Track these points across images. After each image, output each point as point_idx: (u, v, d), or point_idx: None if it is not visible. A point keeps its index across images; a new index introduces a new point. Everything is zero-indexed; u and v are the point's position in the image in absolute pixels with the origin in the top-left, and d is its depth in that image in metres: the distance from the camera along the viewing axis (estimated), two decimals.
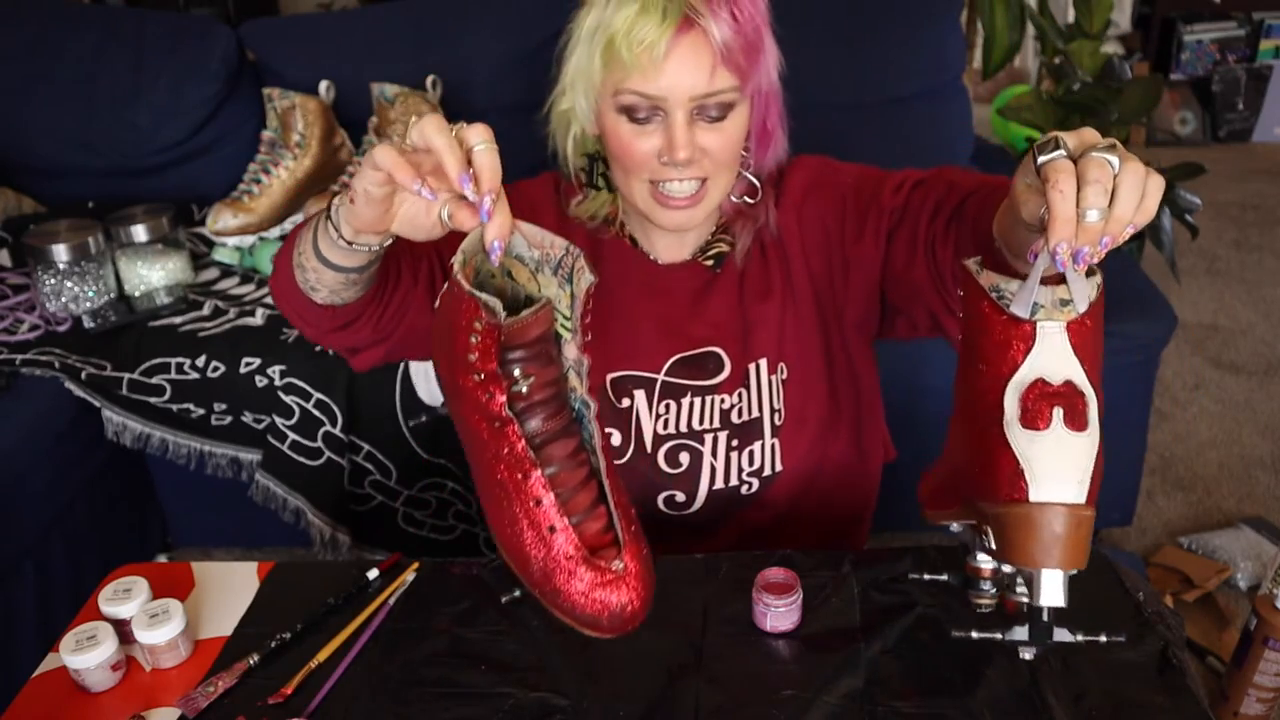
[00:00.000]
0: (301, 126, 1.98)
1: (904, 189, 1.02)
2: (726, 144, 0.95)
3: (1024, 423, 0.66)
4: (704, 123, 0.94)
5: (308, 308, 0.93)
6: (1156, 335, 1.75)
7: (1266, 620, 1.12)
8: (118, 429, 1.76)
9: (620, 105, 0.94)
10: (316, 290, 0.89)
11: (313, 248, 0.84)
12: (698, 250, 1.09)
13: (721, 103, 0.93)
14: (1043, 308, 0.66)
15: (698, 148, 0.94)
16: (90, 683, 0.89)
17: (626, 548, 0.70)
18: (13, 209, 2.12)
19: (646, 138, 0.94)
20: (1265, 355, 2.66)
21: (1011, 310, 0.67)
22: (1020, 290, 0.66)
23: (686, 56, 0.90)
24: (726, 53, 0.90)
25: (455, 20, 2.22)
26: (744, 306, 1.08)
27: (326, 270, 0.85)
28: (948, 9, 2.25)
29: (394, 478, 1.79)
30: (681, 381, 1.09)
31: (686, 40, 0.89)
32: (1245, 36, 4.23)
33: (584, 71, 0.95)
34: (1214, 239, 3.34)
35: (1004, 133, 3.77)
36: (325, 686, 0.87)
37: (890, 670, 0.86)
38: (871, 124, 2.24)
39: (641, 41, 0.89)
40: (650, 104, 0.92)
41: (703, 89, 0.91)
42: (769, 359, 1.08)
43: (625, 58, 0.90)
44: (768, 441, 1.09)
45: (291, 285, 0.91)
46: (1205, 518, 2.09)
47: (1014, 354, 0.67)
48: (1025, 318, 0.66)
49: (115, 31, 2.20)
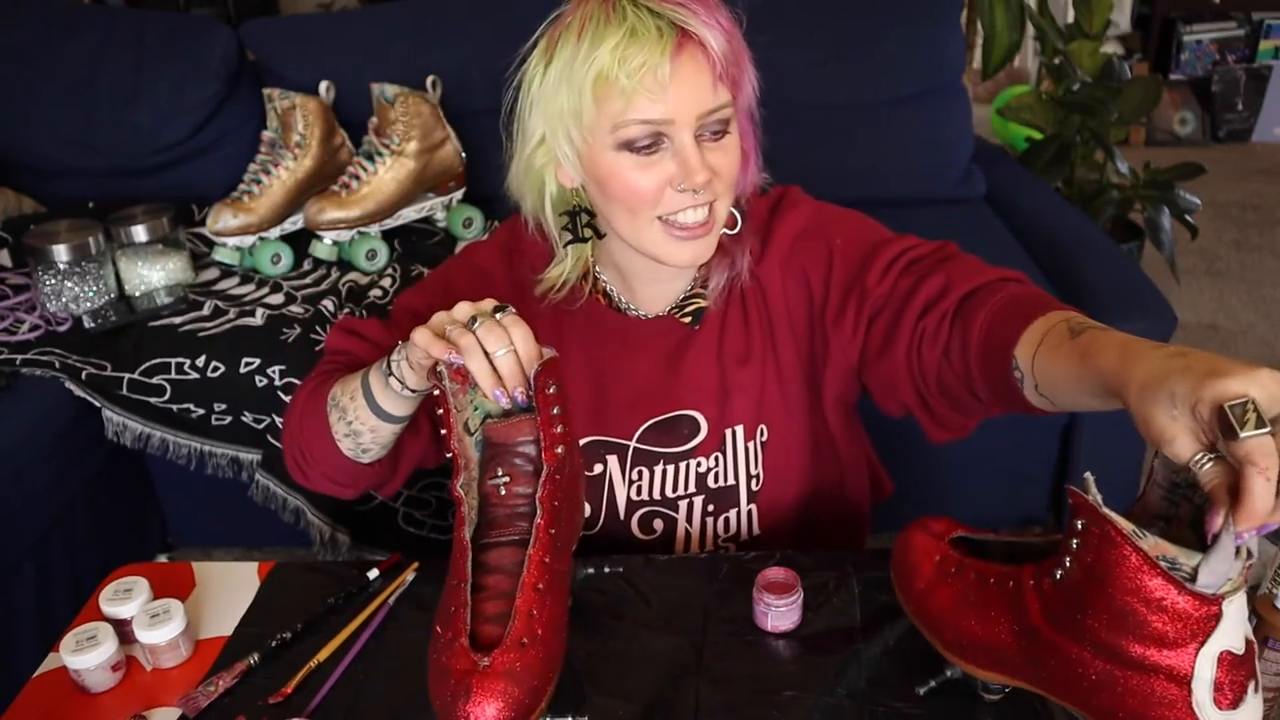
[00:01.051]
0: (301, 126, 1.98)
1: (893, 271, 0.97)
2: (731, 162, 0.92)
3: (1220, 704, 0.62)
4: (708, 142, 0.90)
5: (352, 473, 0.99)
6: (1156, 335, 1.74)
7: (1266, 620, 1.12)
8: (118, 429, 1.76)
9: (620, 141, 0.88)
10: (369, 450, 0.96)
11: (371, 411, 0.91)
12: (675, 304, 1.04)
13: (721, 118, 0.89)
14: (1230, 580, 0.60)
15: (710, 168, 0.89)
16: (90, 683, 0.89)
17: (504, 650, 0.71)
18: (13, 209, 2.12)
19: (653, 169, 0.89)
20: (1265, 355, 2.66)
21: (1198, 589, 0.60)
22: (1210, 568, 0.60)
23: (689, 73, 0.86)
24: (723, 64, 0.87)
25: (455, 20, 2.22)
26: (723, 368, 1.03)
27: (387, 426, 0.92)
28: (948, 9, 2.25)
29: None
30: (654, 449, 1.05)
31: (686, 55, 0.85)
32: (1245, 36, 4.23)
33: (568, 116, 0.88)
34: (1214, 239, 3.34)
35: (1004, 133, 3.77)
36: (325, 686, 0.87)
37: (891, 670, 0.86)
38: (871, 124, 2.24)
39: (642, 65, 0.84)
40: (653, 131, 0.87)
41: (708, 104, 0.87)
42: (746, 425, 1.04)
43: (625, 85, 0.85)
44: (744, 508, 1.06)
45: (335, 458, 0.97)
46: None
47: (1195, 631, 0.62)
48: (1214, 594, 0.60)
49: (115, 31, 2.20)
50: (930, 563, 0.82)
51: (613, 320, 1.04)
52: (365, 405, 0.91)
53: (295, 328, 1.77)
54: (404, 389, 0.87)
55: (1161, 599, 0.62)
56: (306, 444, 0.98)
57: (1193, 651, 0.62)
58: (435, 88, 2.05)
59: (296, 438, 1.00)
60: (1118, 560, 0.63)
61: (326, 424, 0.95)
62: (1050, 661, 0.70)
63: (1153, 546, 0.62)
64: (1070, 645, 0.67)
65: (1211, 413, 0.58)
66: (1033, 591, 0.71)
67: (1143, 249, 2.77)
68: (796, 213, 1.03)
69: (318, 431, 0.96)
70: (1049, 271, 1.93)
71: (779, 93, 2.45)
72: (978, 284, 0.91)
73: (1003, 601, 0.74)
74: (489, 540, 0.78)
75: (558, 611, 0.76)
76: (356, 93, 2.06)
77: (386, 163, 1.97)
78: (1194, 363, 0.61)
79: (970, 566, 0.78)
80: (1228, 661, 0.61)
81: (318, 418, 0.96)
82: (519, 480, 0.78)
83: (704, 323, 1.04)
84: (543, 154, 0.94)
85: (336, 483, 1.01)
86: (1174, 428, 0.59)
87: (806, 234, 1.02)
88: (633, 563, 0.99)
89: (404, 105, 1.97)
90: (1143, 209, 2.63)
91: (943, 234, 2.35)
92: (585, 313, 1.04)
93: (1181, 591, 0.61)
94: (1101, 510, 0.64)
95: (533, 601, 0.74)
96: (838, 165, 2.21)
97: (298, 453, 1.00)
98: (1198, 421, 0.59)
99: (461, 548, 0.77)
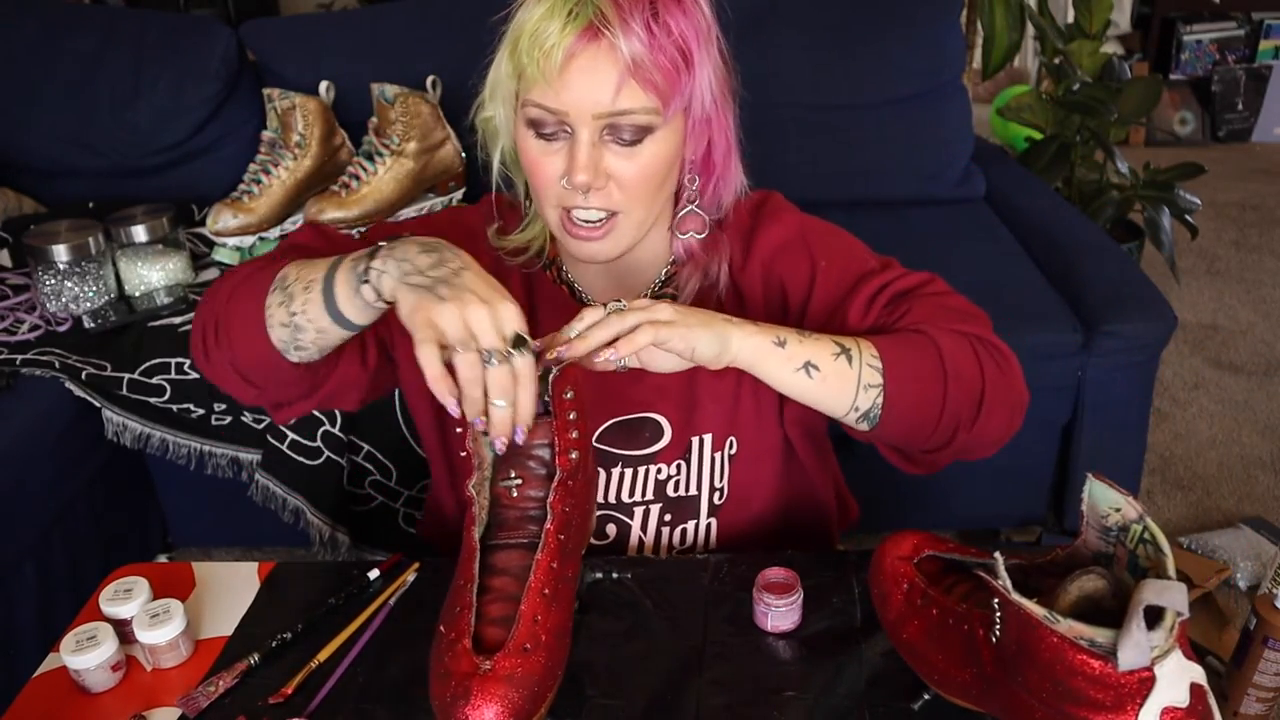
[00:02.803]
0: (301, 126, 1.98)
1: (876, 308, 0.94)
2: (639, 173, 0.86)
3: None
4: (616, 145, 0.85)
5: (268, 368, 0.89)
6: (1156, 335, 1.75)
7: (1266, 620, 1.11)
8: (118, 429, 1.76)
9: (527, 118, 0.85)
10: (303, 350, 0.86)
11: (325, 311, 0.82)
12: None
13: (635, 125, 0.83)
14: (1157, 647, 0.61)
15: (602, 173, 0.85)
16: (90, 683, 0.89)
17: (507, 654, 0.71)
18: (13, 209, 2.12)
19: (552, 156, 0.86)
20: (1265, 355, 2.66)
21: (1124, 668, 0.61)
22: (1127, 655, 0.60)
23: (586, 68, 0.81)
24: (635, 68, 0.80)
25: (455, 20, 2.22)
26: (691, 374, 0.92)
27: (334, 330, 0.83)
28: (948, 9, 2.25)
29: (394, 478, 1.79)
30: (613, 450, 1.01)
31: (589, 51, 0.80)
32: (1245, 36, 4.23)
33: (498, 81, 0.88)
34: (1214, 239, 3.34)
35: (1004, 133, 3.77)
36: (326, 686, 0.87)
37: (890, 670, 0.86)
38: (871, 124, 2.24)
39: (541, 46, 0.80)
40: (555, 119, 0.84)
41: (606, 106, 0.82)
42: (715, 435, 1.00)
43: (525, 64, 0.82)
44: (703, 521, 1.03)
45: (257, 344, 0.87)
46: (1205, 518, 2.09)
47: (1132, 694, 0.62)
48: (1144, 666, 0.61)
49: (115, 31, 2.20)
50: (900, 592, 0.82)
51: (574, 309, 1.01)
52: (320, 302, 0.81)
53: None
54: (378, 300, 0.79)
55: (1091, 673, 0.63)
56: (228, 320, 0.88)
57: (1133, 714, 0.62)
58: (435, 88, 2.05)
59: (217, 310, 0.89)
60: (1041, 638, 0.64)
61: (261, 304, 0.85)
62: (1008, 704, 0.70)
63: (1068, 629, 0.63)
64: (1021, 695, 0.68)
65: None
66: (984, 642, 0.72)
67: (1143, 249, 2.77)
68: (781, 223, 0.99)
69: (248, 312, 0.86)
70: (1049, 271, 1.93)
71: (779, 93, 2.46)
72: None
73: (961, 642, 0.75)
74: (498, 542, 0.78)
75: (562, 618, 0.76)
76: (356, 93, 2.06)
77: (386, 163, 1.97)
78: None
79: (934, 601, 0.79)
80: (1171, 716, 0.62)
81: (252, 296, 0.86)
82: (531, 483, 0.77)
83: None
84: (488, 108, 0.91)
85: (241, 375, 0.91)
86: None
87: (790, 247, 0.98)
88: (633, 563, 0.99)
89: (404, 105, 1.97)
90: (1143, 209, 2.63)
91: (943, 234, 2.36)
92: (551, 303, 1.01)
93: (1109, 664, 0.62)
94: (1012, 597, 0.65)
95: (538, 607, 0.74)
96: (838, 165, 2.22)
97: (213, 326, 0.90)
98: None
99: (470, 549, 0.77)
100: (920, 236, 2.07)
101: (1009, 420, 0.92)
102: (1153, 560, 0.66)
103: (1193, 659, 0.63)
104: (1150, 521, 0.65)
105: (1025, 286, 1.88)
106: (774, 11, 2.21)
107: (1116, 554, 0.69)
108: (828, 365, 0.85)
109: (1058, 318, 1.77)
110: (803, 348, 0.85)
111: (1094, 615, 0.66)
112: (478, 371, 0.72)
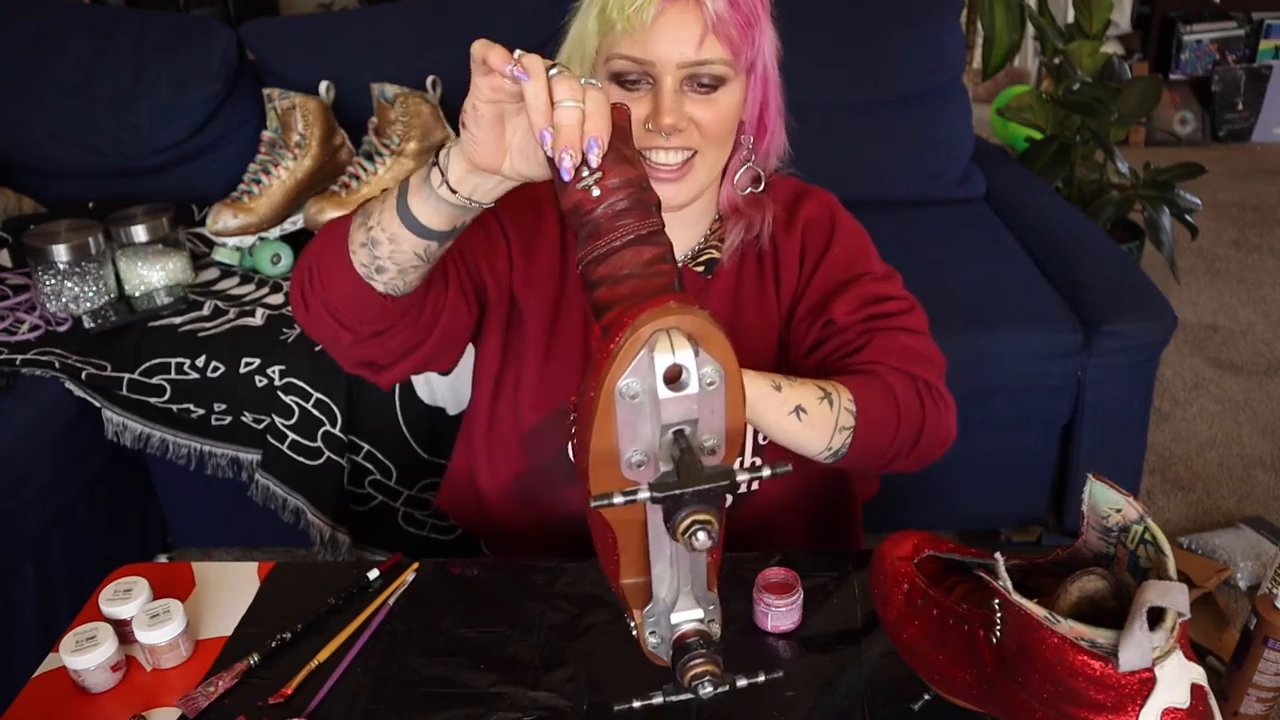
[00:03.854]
0: (301, 127, 1.98)
1: (861, 312, 1.01)
2: (717, 118, 0.94)
3: None
4: (695, 94, 0.93)
5: (357, 303, 0.88)
6: (1156, 335, 1.75)
7: (1266, 620, 1.11)
8: (118, 429, 1.76)
9: (612, 71, 0.93)
10: (384, 270, 0.85)
11: (396, 214, 0.81)
12: (691, 254, 1.07)
13: (713, 74, 0.92)
14: (1158, 648, 0.61)
15: (685, 116, 0.93)
16: (90, 683, 0.89)
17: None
18: (13, 209, 2.12)
19: (636, 104, 0.93)
20: (1265, 355, 2.66)
21: (1125, 669, 0.62)
22: (1128, 655, 0.61)
23: (675, 23, 0.89)
24: (718, 23, 0.89)
25: (455, 20, 2.22)
26: (736, 317, 1.06)
27: (409, 237, 0.82)
28: (948, 9, 2.25)
29: (394, 478, 1.79)
30: None
31: (677, 7, 0.89)
32: (1245, 36, 4.23)
33: (580, 38, 0.95)
34: (1214, 239, 3.34)
35: (1004, 133, 3.77)
36: (325, 686, 0.87)
37: (891, 671, 0.86)
38: (871, 124, 2.24)
39: (632, 3, 0.89)
40: (640, 69, 0.91)
41: (690, 56, 0.90)
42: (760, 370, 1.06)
43: (615, 20, 0.90)
44: (748, 459, 1.06)
45: (344, 276, 0.87)
46: (1205, 518, 2.09)
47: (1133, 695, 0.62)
48: (1145, 666, 0.61)
49: (115, 31, 2.20)
50: (900, 592, 0.82)
51: None
52: (394, 207, 0.81)
53: (295, 328, 1.77)
54: (442, 183, 0.77)
55: (1091, 674, 0.63)
56: (318, 260, 0.89)
57: (1134, 714, 0.62)
58: (435, 88, 2.05)
59: (310, 255, 0.91)
60: (1041, 639, 0.64)
61: (346, 235, 0.86)
62: (1008, 704, 0.71)
63: (1069, 630, 0.63)
64: (1021, 695, 0.68)
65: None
66: (984, 642, 0.72)
67: (1143, 249, 2.77)
68: (821, 204, 1.08)
69: (334, 243, 0.87)
70: (1049, 271, 1.93)
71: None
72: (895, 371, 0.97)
73: (961, 643, 0.75)
74: (598, 252, 0.66)
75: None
76: (356, 93, 2.06)
77: (386, 163, 1.97)
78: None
79: (934, 601, 0.79)
80: (1172, 717, 0.62)
81: (339, 228, 0.88)
82: (612, 172, 0.67)
83: (717, 274, 1.06)
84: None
85: (336, 318, 0.90)
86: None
87: (818, 223, 1.07)
88: None
89: (404, 105, 1.97)
90: (1143, 209, 2.63)
91: (943, 234, 2.36)
92: None
93: (1109, 665, 0.62)
94: (1013, 597, 0.65)
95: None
96: (838, 165, 2.21)
97: (307, 271, 0.90)
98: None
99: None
100: (920, 236, 2.08)
101: (935, 453, 1.01)
102: (1153, 561, 0.66)
103: (1193, 659, 0.63)
104: (1151, 522, 0.65)
105: (1025, 286, 1.88)
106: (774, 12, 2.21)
107: (1117, 554, 0.69)
108: (814, 409, 0.91)
109: (1058, 318, 1.77)
110: (793, 392, 0.90)
111: (1094, 616, 0.66)
112: (539, 64, 0.68)
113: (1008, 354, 1.74)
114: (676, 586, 0.65)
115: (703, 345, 0.59)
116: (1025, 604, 0.64)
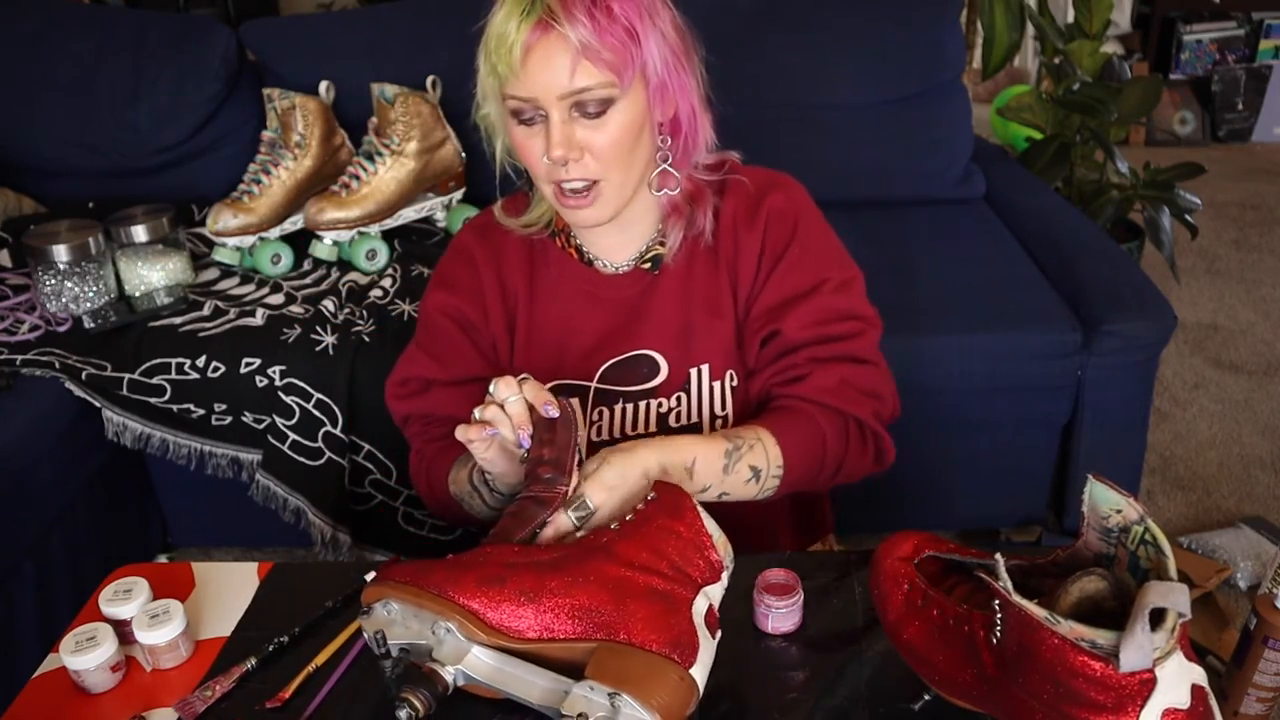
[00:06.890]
0: (301, 127, 1.98)
1: (811, 331, 1.04)
2: (610, 140, 0.95)
3: None
4: (584, 120, 0.94)
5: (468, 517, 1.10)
6: (1156, 335, 1.75)
7: (1266, 620, 1.11)
8: (118, 429, 1.76)
9: (509, 110, 0.96)
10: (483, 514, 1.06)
11: (483, 504, 1.03)
12: (639, 254, 1.09)
13: (596, 99, 0.93)
14: (1159, 649, 0.61)
15: (577, 145, 0.95)
16: (90, 683, 0.89)
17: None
18: (13, 209, 2.12)
19: (534, 139, 0.96)
20: (1265, 355, 2.66)
21: (1125, 670, 0.62)
22: (1129, 656, 0.61)
23: (544, 57, 0.91)
24: (586, 49, 0.90)
25: (455, 20, 2.21)
26: (687, 312, 1.08)
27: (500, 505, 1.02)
28: (948, 9, 2.25)
29: (394, 478, 1.79)
30: (613, 388, 1.09)
31: (544, 41, 0.90)
32: (1245, 36, 4.23)
33: (483, 82, 0.98)
34: (1214, 239, 3.34)
35: (1004, 133, 3.77)
36: (323, 689, 0.87)
37: (892, 671, 0.86)
38: (871, 124, 2.24)
39: (504, 45, 0.91)
40: (529, 106, 0.94)
41: (567, 86, 0.92)
42: (713, 365, 1.08)
43: (495, 62, 0.93)
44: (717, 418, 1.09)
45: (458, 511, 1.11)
46: (1205, 517, 2.09)
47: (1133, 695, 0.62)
48: (1146, 667, 0.61)
49: (115, 32, 2.20)
50: (900, 592, 0.82)
51: (583, 274, 1.10)
52: (480, 505, 1.04)
53: (295, 328, 1.77)
54: (505, 498, 1.00)
55: (1092, 675, 0.63)
56: (447, 514, 1.14)
57: (1134, 715, 0.62)
58: (435, 88, 2.05)
59: (436, 508, 1.16)
60: (1041, 639, 0.64)
61: (462, 509, 1.08)
62: (1008, 705, 0.71)
63: (1069, 631, 0.63)
64: (1022, 696, 0.68)
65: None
66: (984, 643, 0.72)
67: (1143, 249, 2.77)
68: (786, 197, 1.08)
69: (458, 514, 1.11)
70: (1049, 271, 1.93)
71: (779, 92, 2.46)
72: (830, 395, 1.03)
73: (961, 643, 0.75)
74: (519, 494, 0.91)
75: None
76: (356, 93, 2.05)
77: (386, 163, 1.97)
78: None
79: (934, 602, 0.79)
80: (1172, 718, 0.62)
81: (453, 506, 1.10)
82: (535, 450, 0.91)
83: (664, 270, 1.08)
84: (484, 106, 1.02)
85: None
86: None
87: (783, 218, 1.07)
88: None
89: (404, 105, 1.96)
90: (1143, 209, 2.63)
91: (943, 234, 2.35)
92: (557, 266, 1.11)
93: (1109, 666, 0.62)
94: (1013, 598, 0.65)
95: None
96: (838, 165, 2.21)
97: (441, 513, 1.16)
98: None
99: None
100: (920, 236, 2.07)
101: (852, 480, 1.08)
102: (1154, 561, 0.66)
103: (1193, 660, 0.63)
104: (1151, 523, 0.65)
105: (1025, 286, 1.88)
106: (773, 12, 2.21)
107: (1117, 555, 0.69)
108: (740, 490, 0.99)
109: (1057, 317, 1.77)
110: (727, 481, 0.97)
111: (1095, 616, 0.65)
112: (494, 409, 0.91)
113: (1007, 354, 1.74)
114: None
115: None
116: (1025, 605, 0.64)
